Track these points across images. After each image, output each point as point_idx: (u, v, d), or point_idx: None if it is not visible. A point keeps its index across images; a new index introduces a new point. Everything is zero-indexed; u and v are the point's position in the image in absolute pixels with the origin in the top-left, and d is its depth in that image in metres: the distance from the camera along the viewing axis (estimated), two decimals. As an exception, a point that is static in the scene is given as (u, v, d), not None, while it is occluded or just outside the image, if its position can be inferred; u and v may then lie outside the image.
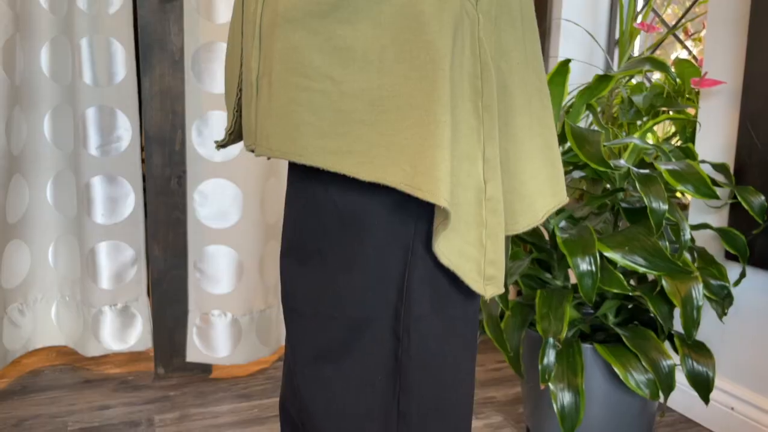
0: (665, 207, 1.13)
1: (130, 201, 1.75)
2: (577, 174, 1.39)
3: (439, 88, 0.55)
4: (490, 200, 0.59)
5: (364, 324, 0.60)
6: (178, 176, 1.72)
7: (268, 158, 0.66)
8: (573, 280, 1.93)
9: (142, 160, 1.78)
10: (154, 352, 1.79)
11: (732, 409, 1.46)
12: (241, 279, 1.76)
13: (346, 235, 0.60)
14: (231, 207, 1.73)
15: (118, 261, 1.77)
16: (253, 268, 1.78)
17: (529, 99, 0.64)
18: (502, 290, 0.61)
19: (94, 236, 1.74)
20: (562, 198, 0.67)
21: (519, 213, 0.64)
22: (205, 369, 1.82)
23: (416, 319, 0.61)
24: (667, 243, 1.21)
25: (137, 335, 1.82)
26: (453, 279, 0.61)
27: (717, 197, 1.17)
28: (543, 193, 0.65)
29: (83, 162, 1.70)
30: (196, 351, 1.78)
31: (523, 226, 0.64)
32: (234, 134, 0.72)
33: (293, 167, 0.64)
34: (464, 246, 0.59)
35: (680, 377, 1.58)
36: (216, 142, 0.73)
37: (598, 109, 1.71)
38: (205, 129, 1.70)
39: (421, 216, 0.60)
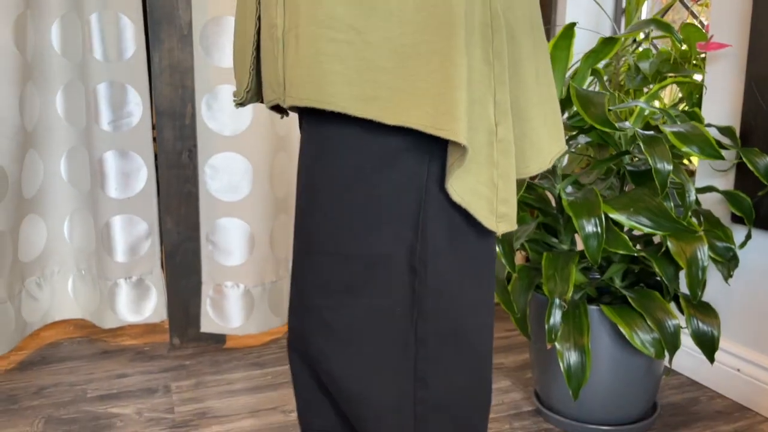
0: (670, 167, 1.14)
1: (143, 175, 1.78)
2: (582, 139, 1.40)
3: (456, 34, 0.58)
4: (501, 142, 0.62)
5: (382, 260, 0.63)
6: (189, 150, 1.75)
7: (294, 111, 0.68)
8: (579, 244, 1.94)
9: (154, 138, 1.80)
10: (169, 324, 1.83)
11: (738, 370, 1.47)
12: (252, 251, 1.79)
13: (363, 177, 0.63)
14: (242, 180, 1.75)
15: (132, 234, 1.80)
16: (264, 241, 1.80)
17: (534, 50, 0.67)
18: (515, 227, 0.64)
19: (108, 210, 1.77)
20: (563, 145, 0.70)
21: (530, 158, 0.67)
22: (218, 339, 1.86)
23: (432, 253, 0.64)
24: (672, 205, 1.22)
25: (152, 307, 1.85)
26: (466, 217, 0.64)
27: (722, 158, 1.18)
28: (550, 139, 0.68)
29: (95, 137, 1.73)
30: (210, 322, 1.82)
31: (533, 170, 0.68)
32: (251, 92, 0.74)
33: (311, 116, 0.66)
34: (476, 185, 0.62)
35: (687, 341, 1.60)
36: (234, 100, 0.75)
37: (605, 77, 1.71)
38: (214, 103, 1.72)
39: (433, 157, 0.63)
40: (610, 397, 1.33)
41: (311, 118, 0.66)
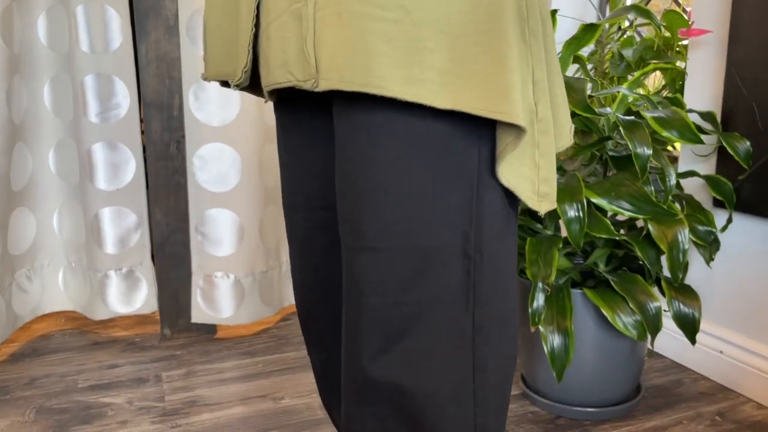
0: (649, 152, 1.15)
1: (131, 167, 1.79)
2: (566, 126, 1.42)
3: (506, 14, 0.56)
4: (541, 121, 0.61)
5: (437, 250, 0.61)
6: (177, 141, 1.76)
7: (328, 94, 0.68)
8: (563, 231, 1.96)
9: (142, 131, 1.81)
10: (160, 314, 1.84)
11: (721, 352, 1.50)
12: (242, 241, 1.80)
13: (415, 166, 0.60)
14: (230, 171, 1.76)
15: (122, 226, 1.81)
16: (253, 231, 1.81)
17: (550, 29, 0.67)
18: (555, 206, 0.64)
19: (97, 202, 1.78)
20: (571, 123, 0.71)
21: (557, 135, 0.66)
22: (209, 329, 1.87)
23: (488, 239, 0.63)
24: (653, 189, 1.24)
25: (143, 298, 1.86)
26: (512, 198, 0.64)
27: (701, 142, 1.20)
28: (567, 117, 0.68)
29: (83, 129, 1.74)
30: (200, 312, 1.83)
31: (560, 146, 0.67)
32: (248, 72, 0.69)
33: (346, 101, 0.62)
34: (521, 167, 0.61)
35: (671, 324, 1.62)
36: (231, 81, 0.70)
37: (590, 66, 1.72)
38: (201, 94, 1.73)
39: (483, 141, 0.61)
40: (594, 380, 1.35)
41: (346, 103, 0.61)
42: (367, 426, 0.65)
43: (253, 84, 0.77)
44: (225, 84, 0.80)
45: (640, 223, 1.43)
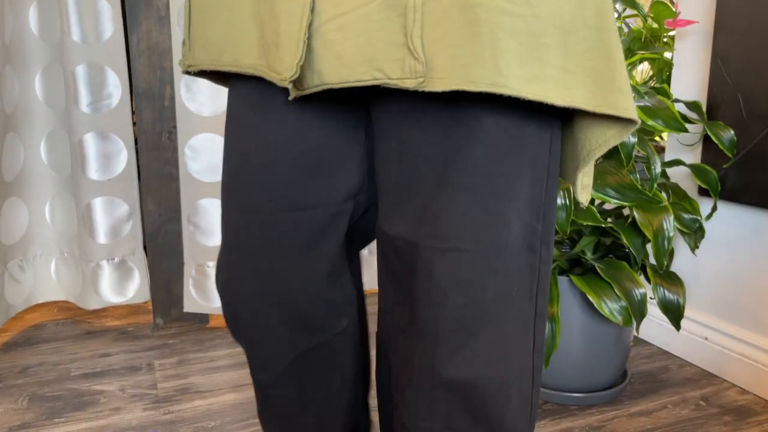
0: (634, 140, 1.17)
1: (123, 157, 1.79)
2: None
3: (610, 7, 0.57)
4: None
5: (509, 246, 0.61)
6: (169, 131, 1.76)
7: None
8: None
9: (133, 122, 1.82)
10: (152, 304, 1.85)
11: (706, 339, 1.52)
12: (233, 231, 1.81)
13: (501, 165, 0.59)
14: (221, 161, 1.77)
15: (114, 216, 1.82)
16: (245, 220, 1.83)
17: None
18: (590, 196, 0.66)
19: (89, 192, 1.78)
20: None
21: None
22: (202, 319, 1.88)
23: (550, 232, 0.64)
24: (639, 177, 1.26)
25: (135, 288, 1.87)
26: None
27: (686, 130, 1.22)
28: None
29: (75, 119, 1.74)
30: (193, 302, 1.84)
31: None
32: (301, 66, 0.60)
33: (422, 101, 0.60)
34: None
35: (657, 312, 1.65)
36: (288, 77, 0.59)
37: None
38: (193, 84, 1.74)
39: (554, 135, 0.62)
40: (581, 365, 1.37)
41: (425, 103, 0.59)
42: (436, 424, 0.64)
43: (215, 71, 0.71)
44: (212, 75, 0.73)
45: (626, 212, 1.45)
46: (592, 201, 1.37)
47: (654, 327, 1.66)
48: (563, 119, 0.64)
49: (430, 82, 0.54)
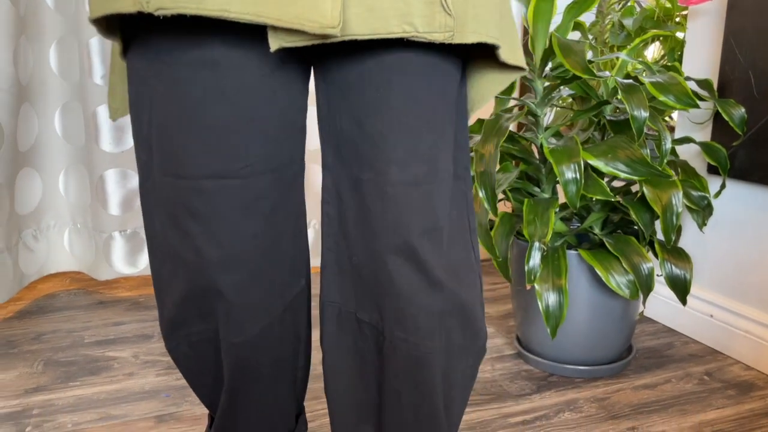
0: (646, 114, 1.18)
1: (136, 129, 1.81)
2: (566, 92, 1.44)
3: None
4: None
5: (446, 173, 0.71)
6: (182, 105, 1.78)
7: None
8: (561, 196, 1.99)
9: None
10: (164, 276, 1.88)
11: (711, 316, 1.54)
12: (244, 205, 1.83)
13: (443, 102, 0.70)
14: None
15: (126, 188, 1.84)
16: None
17: None
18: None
19: (102, 164, 1.80)
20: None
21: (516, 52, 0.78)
22: (212, 291, 1.91)
23: (467, 164, 0.75)
24: (648, 151, 1.27)
25: (147, 260, 1.90)
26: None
27: (697, 106, 1.23)
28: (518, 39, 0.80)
29: (89, 91, 1.76)
30: (203, 274, 1.86)
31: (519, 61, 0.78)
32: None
33: (438, 59, 0.67)
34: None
35: (664, 290, 1.66)
36: (332, 25, 0.58)
37: (591, 37, 1.74)
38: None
39: (462, 78, 0.73)
40: (587, 339, 1.39)
41: (383, 49, 0.64)
42: (436, 338, 0.71)
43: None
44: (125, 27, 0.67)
45: (635, 189, 1.46)
46: (602, 176, 1.38)
47: (660, 305, 1.68)
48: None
49: (465, 35, 0.63)
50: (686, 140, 1.41)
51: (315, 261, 2.11)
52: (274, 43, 0.59)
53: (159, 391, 1.37)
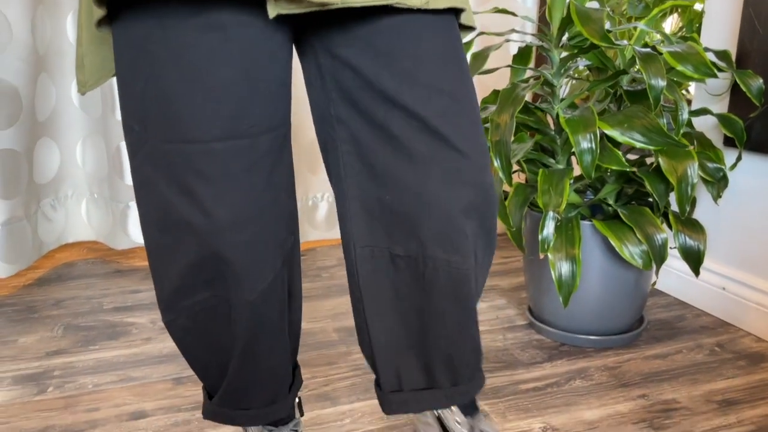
0: (663, 83, 1.18)
1: (152, 100, 1.82)
2: (582, 64, 1.44)
3: None
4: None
5: (469, 103, 0.80)
6: (197, 75, 1.79)
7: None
8: (576, 168, 1.99)
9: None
10: (179, 245, 1.90)
11: (723, 289, 1.54)
12: (259, 176, 1.85)
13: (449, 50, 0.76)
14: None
15: (143, 158, 1.85)
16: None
17: None
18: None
19: (119, 134, 1.82)
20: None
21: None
22: (227, 261, 1.93)
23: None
24: (665, 120, 1.27)
25: (163, 230, 1.92)
26: None
27: (716, 76, 1.22)
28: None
29: (106, 61, 1.77)
30: (218, 244, 1.89)
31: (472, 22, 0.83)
32: None
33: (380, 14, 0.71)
34: None
35: (676, 263, 1.67)
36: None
37: (607, 8, 1.73)
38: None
39: None
40: (599, 309, 1.41)
41: (385, 13, 0.70)
42: (471, 253, 0.77)
43: None
44: None
45: (650, 161, 1.46)
46: (617, 146, 1.38)
47: (672, 278, 1.69)
48: None
49: (432, 1, 0.70)
50: (703, 111, 1.41)
51: (334, 233, 2.13)
52: (273, 10, 0.62)
53: (177, 356, 1.39)
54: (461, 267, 0.77)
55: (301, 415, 0.99)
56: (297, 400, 0.97)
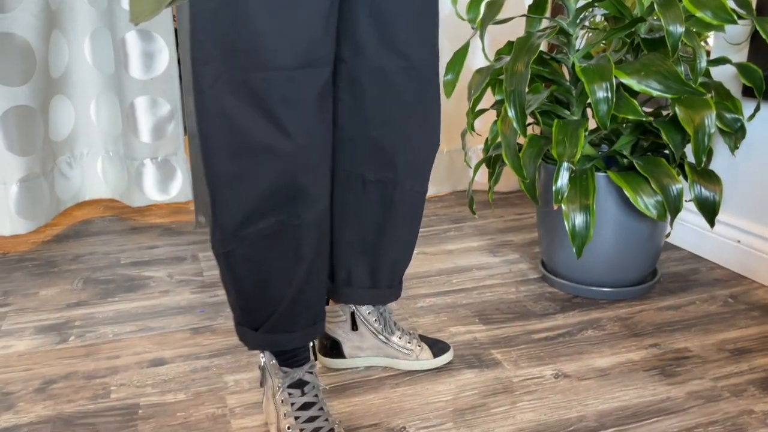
0: (682, 29, 1.16)
1: (164, 56, 1.82)
2: (599, 13, 1.41)
3: None
4: None
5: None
6: (209, 31, 1.77)
7: None
8: (591, 122, 1.97)
9: (173, 16, 1.83)
10: (194, 203, 1.92)
11: (738, 241, 1.54)
12: (272, 133, 1.84)
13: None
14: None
15: (157, 115, 1.86)
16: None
17: None
18: None
19: (133, 91, 1.82)
20: None
21: None
22: (241, 219, 1.95)
23: None
24: (683, 70, 1.25)
25: (178, 187, 1.94)
26: None
27: (735, 22, 1.19)
28: None
29: (117, 17, 1.76)
30: (232, 201, 1.90)
31: None
32: None
33: None
34: None
35: (689, 216, 1.66)
36: None
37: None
38: (232, -18, 1.73)
39: None
40: (612, 261, 1.41)
41: None
42: (427, 181, 1.02)
43: None
44: None
45: (665, 113, 1.44)
46: (634, 96, 1.36)
47: (686, 231, 1.68)
48: None
49: None
50: (722, 61, 1.38)
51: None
52: None
53: (194, 307, 1.42)
54: (421, 191, 1.00)
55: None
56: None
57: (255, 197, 0.80)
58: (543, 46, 1.33)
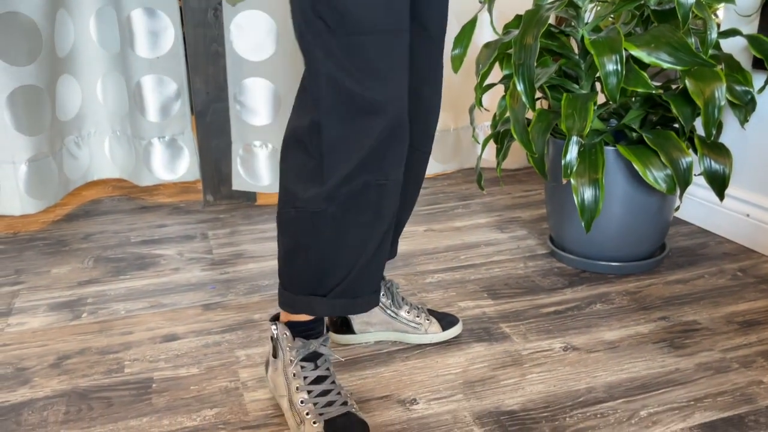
0: (692, 0, 1.14)
1: (170, 34, 1.81)
2: (608, -15, 1.40)
3: None
4: None
5: None
6: (214, 8, 1.77)
7: None
8: (601, 97, 1.96)
9: None
10: (202, 182, 1.92)
11: (747, 215, 1.53)
12: (278, 111, 1.84)
13: None
14: (266, 39, 1.78)
15: (163, 94, 1.86)
16: (290, 100, 1.85)
17: None
18: None
19: (139, 70, 1.82)
20: None
21: None
22: (250, 197, 1.96)
23: None
24: (693, 40, 1.23)
25: (186, 166, 1.94)
26: None
27: (747, -8, 1.18)
28: None
29: (122, -5, 1.75)
30: (241, 180, 1.91)
31: None
32: None
33: None
34: None
35: (699, 191, 1.65)
36: None
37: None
38: (237, -42, 1.72)
39: None
40: (621, 235, 1.41)
41: None
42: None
43: None
44: None
45: (675, 87, 1.43)
46: (644, 68, 1.35)
47: (695, 206, 1.68)
48: None
49: None
50: (732, 32, 1.37)
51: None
52: None
53: (205, 284, 1.43)
54: (428, 151, 1.09)
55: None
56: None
57: (357, 158, 0.84)
58: (551, 20, 1.32)
